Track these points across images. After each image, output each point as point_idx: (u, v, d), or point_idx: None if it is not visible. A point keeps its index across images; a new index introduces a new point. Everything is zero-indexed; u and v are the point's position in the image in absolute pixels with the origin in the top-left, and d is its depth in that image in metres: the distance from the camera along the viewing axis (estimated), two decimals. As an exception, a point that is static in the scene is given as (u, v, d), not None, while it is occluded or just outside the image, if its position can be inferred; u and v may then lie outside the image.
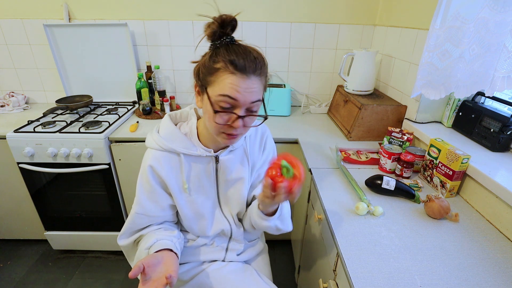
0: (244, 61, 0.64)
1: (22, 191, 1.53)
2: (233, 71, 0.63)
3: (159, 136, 0.75)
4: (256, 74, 0.65)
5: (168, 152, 0.75)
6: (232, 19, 0.68)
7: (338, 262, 0.79)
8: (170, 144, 0.74)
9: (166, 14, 1.66)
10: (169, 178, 0.76)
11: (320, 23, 1.69)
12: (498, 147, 1.01)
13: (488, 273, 0.68)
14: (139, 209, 0.78)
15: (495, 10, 0.88)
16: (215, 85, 0.65)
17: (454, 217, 0.85)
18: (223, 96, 0.64)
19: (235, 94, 0.63)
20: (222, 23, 0.67)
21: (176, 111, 0.84)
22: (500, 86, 0.93)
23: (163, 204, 0.79)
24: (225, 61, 0.64)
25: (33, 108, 1.78)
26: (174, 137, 0.75)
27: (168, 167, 0.76)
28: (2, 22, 1.65)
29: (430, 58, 1.06)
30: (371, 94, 1.53)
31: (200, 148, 0.77)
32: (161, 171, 0.75)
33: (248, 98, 0.65)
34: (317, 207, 1.03)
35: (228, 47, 0.66)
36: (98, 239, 1.66)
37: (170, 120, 0.79)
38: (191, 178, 0.79)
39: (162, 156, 0.75)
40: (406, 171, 1.05)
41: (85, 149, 1.37)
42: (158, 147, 0.75)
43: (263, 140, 0.88)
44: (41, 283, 1.55)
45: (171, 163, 0.76)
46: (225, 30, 0.67)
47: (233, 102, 0.64)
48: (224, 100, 0.64)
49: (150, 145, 0.76)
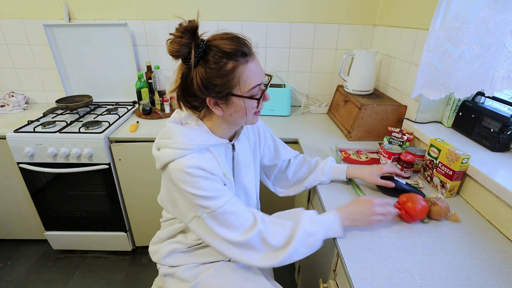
0: (242, 44, 0.66)
1: (22, 191, 1.53)
2: (246, 59, 0.66)
3: (178, 140, 0.69)
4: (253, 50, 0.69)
5: (198, 152, 0.70)
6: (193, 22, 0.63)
7: (338, 262, 0.79)
8: (196, 142, 0.69)
9: (166, 14, 1.66)
10: (216, 171, 0.71)
11: (320, 23, 1.69)
12: (498, 147, 1.01)
13: (488, 273, 0.68)
14: (224, 200, 0.69)
15: (495, 10, 0.88)
16: (241, 83, 0.67)
17: (453, 216, 0.85)
18: (255, 87, 0.69)
19: (260, 78, 0.70)
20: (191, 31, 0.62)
21: (175, 116, 0.79)
22: (500, 86, 0.93)
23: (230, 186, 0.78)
24: (233, 56, 0.64)
25: (33, 108, 1.78)
26: (195, 134, 0.71)
27: (211, 162, 0.71)
28: (2, 22, 1.65)
29: (430, 58, 1.06)
30: (371, 94, 1.53)
31: (216, 138, 0.75)
32: (208, 166, 0.69)
33: (263, 73, 0.72)
34: (317, 207, 1.03)
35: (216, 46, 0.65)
36: (98, 239, 1.66)
37: (177, 124, 0.75)
38: (224, 167, 0.76)
39: (197, 155, 0.69)
40: (406, 171, 1.05)
41: (85, 149, 1.37)
42: (186, 152, 0.68)
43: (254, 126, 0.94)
44: (41, 283, 1.55)
45: (209, 159, 0.72)
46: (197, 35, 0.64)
47: (260, 85, 0.71)
48: (257, 89, 0.70)
49: (172, 156, 0.68)
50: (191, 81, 0.67)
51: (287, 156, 1.04)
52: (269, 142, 1.00)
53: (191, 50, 0.63)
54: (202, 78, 0.65)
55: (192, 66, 0.65)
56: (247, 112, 0.72)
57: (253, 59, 0.68)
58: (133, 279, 1.59)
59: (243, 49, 0.65)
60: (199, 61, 0.65)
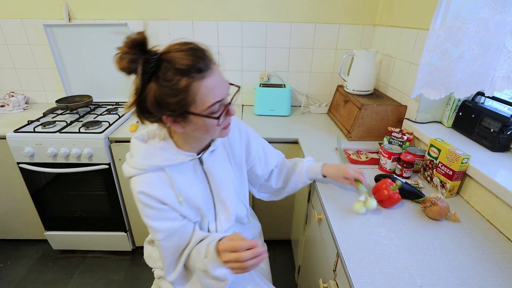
0: (196, 59, 0.59)
1: (22, 191, 1.53)
2: (202, 75, 0.59)
3: (135, 159, 0.70)
4: (212, 61, 0.63)
5: (152, 172, 0.70)
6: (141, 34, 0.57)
7: (338, 262, 0.79)
8: (149, 162, 0.69)
9: (166, 14, 1.66)
10: (164, 195, 0.70)
11: (320, 23, 1.69)
12: (498, 147, 1.01)
13: (488, 273, 0.68)
14: (160, 235, 0.72)
15: (495, 10, 0.88)
16: (198, 101, 0.61)
17: (453, 216, 0.85)
18: (214, 105, 0.62)
19: (220, 94, 0.63)
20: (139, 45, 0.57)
21: (142, 132, 0.78)
22: (500, 86, 0.93)
23: (175, 215, 0.75)
24: (187, 73, 0.58)
25: (33, 108, 1.78)
26: (151, 154, 0.70)
27: (159, 186, 0.70)
28: (2, 22, 1.65)
29: (430, 58, 1.06)
30: (371, 94, 1.53)
31: (180, 155, 0.73)
32: (154, 192, 0.69)
33: (225, 86, 0.65)
34: (317, 207, 1.03)
35: (168, 61, 0.58)
36: (98, 239, 1.66)
37: (139, 140, 0.73)
38: (183, 188, 0.74)
39: (149, 177, 0.69)
40: (406, 171, 1.05)
41: (85, 149, 1.37)
42: (139, 171, 0.69)
43: (241, 131, 0.88)
44: (41, 283, 1.55)
45: (160, 181, 0.71)
46: (146, 49, 0.58)
47: (221, 101, 0.64)
48: (217, 106, 0.64)
49: (130, 173, 0.70)
50: (145, 97, 0.61)
51: (274, 163, 1.01)
52: (259, 151, 0.95)
53: (140, 66, 0.57)
54: (155, 95, 0.59)
55: (143, 83, 0.59)
56: (209, 130, 0.67)
57: (210, 74, 0.61)
58: (133, 279, 1.59)
59: (198, 65, 0.58)
60: (152, 76, 0.59)
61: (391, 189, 0.88)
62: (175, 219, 0.74)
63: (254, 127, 1.11)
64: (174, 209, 0.74)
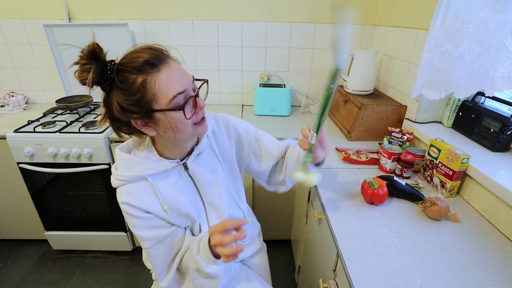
0: (150, 54, 0.59)
1: (22, 191, 1.53)
2: (156, 69, 0.59)
3: (118, 171, 0.70)
4: (169, 57, 0.63)
5: (134, 182, 0.70)
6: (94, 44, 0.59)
7: (338, 262, 0.79)
8: (131, 173, 0.69)
9: (166, 14, 1.66)
10: (147, 205, 0.70)
11: (320, 23, 1.69)
12: (498, 147, 1.01)
13: (488, 273, 0.68)
14: (148, 243, 0.73)
15: (495, 10, 0.88)
16: (158, 97, 0.60)
17: (453, 216, 0.85)
18: (176, 97, 0.61)
19: (181, 85, 0.61)
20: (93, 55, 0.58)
21: (127, 141, 0.78)
22: (500, 86, 0.93)
23: (162, 223, 0.74)
24: (141, 70, 0.58)
25: (33, 108, 1.78)
26: (133, 164, 0.70)
27: (141, 195, 0.70)
28: (2, 22, 1.65)
29: (430, 58, 1.06)
30: (371, 94, 1.53)
31: (163, 162, 0.72)
32: (136, 202, 0.69)
33: (186, 79, 0.63)
34: (317, 207, 1.03)
35: (124, 64, 0.59)
36: (98, 239, 1.66)
37: (122, 151, 0.73)
38: (169, 195, 0.73)
39: (131, 188, 0.69)
40: (406, 171, 1.05)
41: (85, 149, 1.37)
42: (122, 182, 0.70)
43: (230, 129, 0.85)
44: (41, 283, 1.55)
45: (143, 190, 0.70)
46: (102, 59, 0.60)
47: (183, 93, 0.62)
48: (181, 98, 0.62)
49: (115, 184, 0.71)
50: (111, 106, 0.62)
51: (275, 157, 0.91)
52: (254, 146, 0.89)
53: (98, 75, 0.59)
54: (117, 100, 0.61)
55: (107, 91, 0.62)
56: (179, 127, 0.64)
57: (167, 67, 0.60)
58: (133, 279, 1.59)
59: (152, 60, 0.59)
60: (112, 84, 0.61)
61: (370, 187, 0.90)
62: (162, 227, 0.74)
63: (254, 127, 1.11)
64: (160, 217, 0.73)
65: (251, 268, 0.94)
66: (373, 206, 0.91)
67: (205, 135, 0.78)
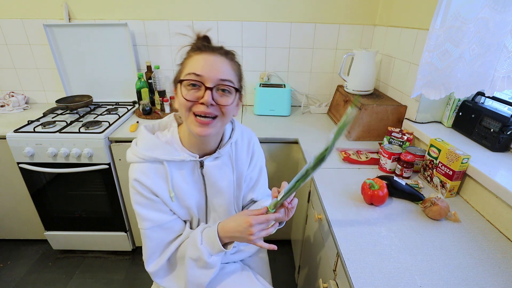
0: (209, 43, 0.70)
1: (22, 191, 1.53)
2: (199, 51, 0.67)
3: (138, 148, 0.73)
4: (221, 53, 0.68)
5: (150, 163, 0.72)
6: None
7: (338, 262, 0.79)
8: (151, 153, 0.71)
9: (166, 14, 1.66)
10: (157, 187, 0.73)
11: (320, 23, 1.69)
12: (498, 147, 1.01)
13: (488, 273, 0.68)
14: (147, 224, 0.74)
15: (495, 10, 0.88)
16: (184, 69, 0.68)
17: (453, 216, 0.85)
18: (189, 74, 0.65)
19: (199, 69, 0.65)
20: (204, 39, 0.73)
21: (154, 122, 0.81)
22: (500, 86, 0.93)
23: (166, 209, 0.76)
24: (192, 47, 0.69)
25: (33, 108, 1.78)
26: (154, 146, 0.73)
27: (154, 177, 0.72)
28: (2, 22, 1.65)
29: (430, 58, 1.06)
30: (371, 94, 1.53)
31: (184, 153, 0.74)
32: (148, 182, 0.71)
33: (214, 74, 0.65)
34: (317, 207, 1.03)
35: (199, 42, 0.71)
36: (98, 239, 1.66)
37: (147, 130, 0.76)
38: (178, 185, 0.76)
39: (146, 167, 0.72)
40: (406, 171, 1.05)
41: (85, 149, 1.37)
42: (139, 160, 0.72)
43: (250, 145, 0.87)
44: (41, 283, 1.55)
45: (156, 173, 0.73)
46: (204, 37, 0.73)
47: (199, 78, 0.65)
48: (190, 78, 0.65)
49: (131, 159, 0.73)
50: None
51: (256, 195, 0.91)
52: (254, 173, 0.89)
53: None
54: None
55: None
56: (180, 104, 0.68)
57: (209, 54, 0.67)
58: (133, 279, 1.59)
59: (199, 44, 0.69)
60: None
61: (370, 188, 0.90)
62: (165, 212, 0.76)
63: (254, 127, 1.11)
64: (165, 203, 0.75)
65: (251, 268, 0.94)
66: (373, 206, 0.91)
67: (229, 143, 0.80)
